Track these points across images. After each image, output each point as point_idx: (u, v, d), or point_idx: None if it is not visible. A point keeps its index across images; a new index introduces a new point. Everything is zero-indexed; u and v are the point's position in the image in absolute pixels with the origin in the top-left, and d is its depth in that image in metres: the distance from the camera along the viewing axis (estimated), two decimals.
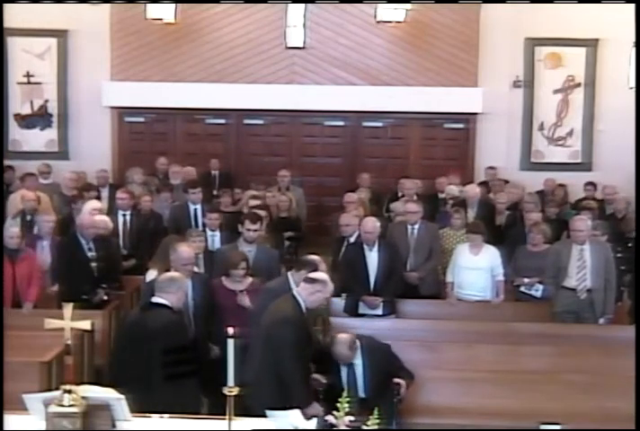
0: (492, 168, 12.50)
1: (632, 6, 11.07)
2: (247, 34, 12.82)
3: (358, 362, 6.08)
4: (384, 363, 6.11)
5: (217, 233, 8.62)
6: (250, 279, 6.95)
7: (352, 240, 8.37)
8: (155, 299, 5.69)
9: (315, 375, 5.99)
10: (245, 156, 13.35)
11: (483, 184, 11.69)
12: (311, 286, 5.80)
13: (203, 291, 6.74)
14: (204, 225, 9.01)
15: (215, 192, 11.54)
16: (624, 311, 8.06)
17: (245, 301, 6.81)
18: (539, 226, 8.60)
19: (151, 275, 7.15)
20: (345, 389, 5.82)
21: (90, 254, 7.97)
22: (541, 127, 13.31)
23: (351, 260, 7.89)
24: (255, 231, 7.73)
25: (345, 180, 13.05)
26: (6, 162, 11.85)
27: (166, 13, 12.17)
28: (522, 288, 8.41)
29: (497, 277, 8.29)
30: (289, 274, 6.51)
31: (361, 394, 5.99)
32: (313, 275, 5.96)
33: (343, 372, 6.05)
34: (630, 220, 9.24)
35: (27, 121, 13.20)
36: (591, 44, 12.99)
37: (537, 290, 8.32)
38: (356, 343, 6.05)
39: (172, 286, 5.72)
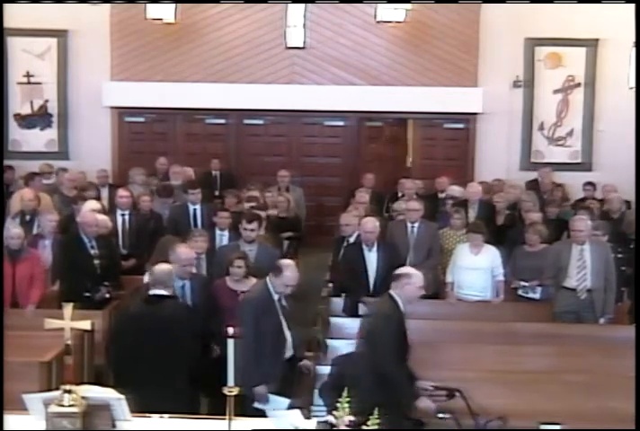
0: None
1: (632, 6, 11.08)
2: (247, 34, 12.83)
3: None
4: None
5: (226, 233, 8.58)
6: (253, 280, 6.90)
7: (352, 240, 8.37)
8: (158, 291, 5.83)
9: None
10: (245, 156, 13.35)
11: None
12: (398, 282, 5.81)
13: (202, 293, 6.74)
14: (204, 226, 9.02)
15: (217, 192, 11.52)
16: (624, 311, 8.06)
17: None
18: (535, 226, 8.60)
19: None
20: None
21: (92, 252, 7.97)
22: (541, 127, 13.31)
23: (351, 261, 7.89)
24: (252, 230, 7.71)
25: (345, 180, 13.07)
26: (6, 162, 11.84)
27: (166, 13, 12.20)
28: (520, 291, 8.41)
29: (497, 278, 8.29)
30: (268, 279, 6.26)
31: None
32: (398, 271, 5.96)
33: None
34: (631, 222, 9.19)
35: (27, 121, 13.21)
36: (591, 44, 13.00)
37: (536, 292, 8.33)
38: None
39: (172, 280, 5.99)
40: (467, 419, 5.74)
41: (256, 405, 5.82)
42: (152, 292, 5.89)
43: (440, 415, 5.54)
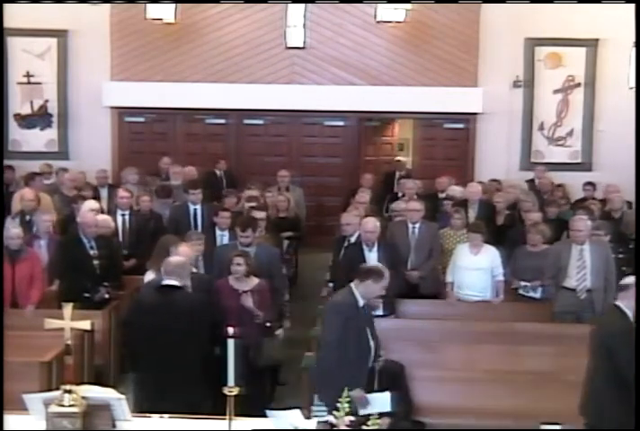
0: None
1: (632, 6, 11.07)
2: (247, 34, 12.83)
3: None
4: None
5: (227, 233, 8.54)
6: (256, 280, 6.89)
7: (353, 239, 8.36)
8: (171, 282, 5.90)
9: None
10: (245, 156, 13.35)
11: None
12: (627, 292, 5.55)
13: (201, 291, 6.72)
14: (204, 226, 9.00)
15: (224, 192, 11.49)
16: None
17: (248, 301, 6.77)
18: (538, 227, 8.60)
19: (149, 276, 7.14)
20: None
21: (92, 252, 7.97)
22: (541, 127, 13.32)
23: (351, 260, 7.87)
24: (247, 237, 7.68)
25: (345, 180, 13.07)
26: (6, 162, 11.84)
27: (166, 13, 12.21)
28: (521, 290, 8.40)
29: (497, 278, 8.28)
30: (353, 285, 6.00)
31: None
32: (624, 281, 5.73)
33: None
34: (630, 223, 9.18)
35: (27, 121, 13.22)
36: (591, 44, 13.00)
37: (537, 291, 8.32)
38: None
39: (185, 272, 6.04)
40: None
41: (360, 411, 5.54)
42: (165, 282, 5.94)
43: None
